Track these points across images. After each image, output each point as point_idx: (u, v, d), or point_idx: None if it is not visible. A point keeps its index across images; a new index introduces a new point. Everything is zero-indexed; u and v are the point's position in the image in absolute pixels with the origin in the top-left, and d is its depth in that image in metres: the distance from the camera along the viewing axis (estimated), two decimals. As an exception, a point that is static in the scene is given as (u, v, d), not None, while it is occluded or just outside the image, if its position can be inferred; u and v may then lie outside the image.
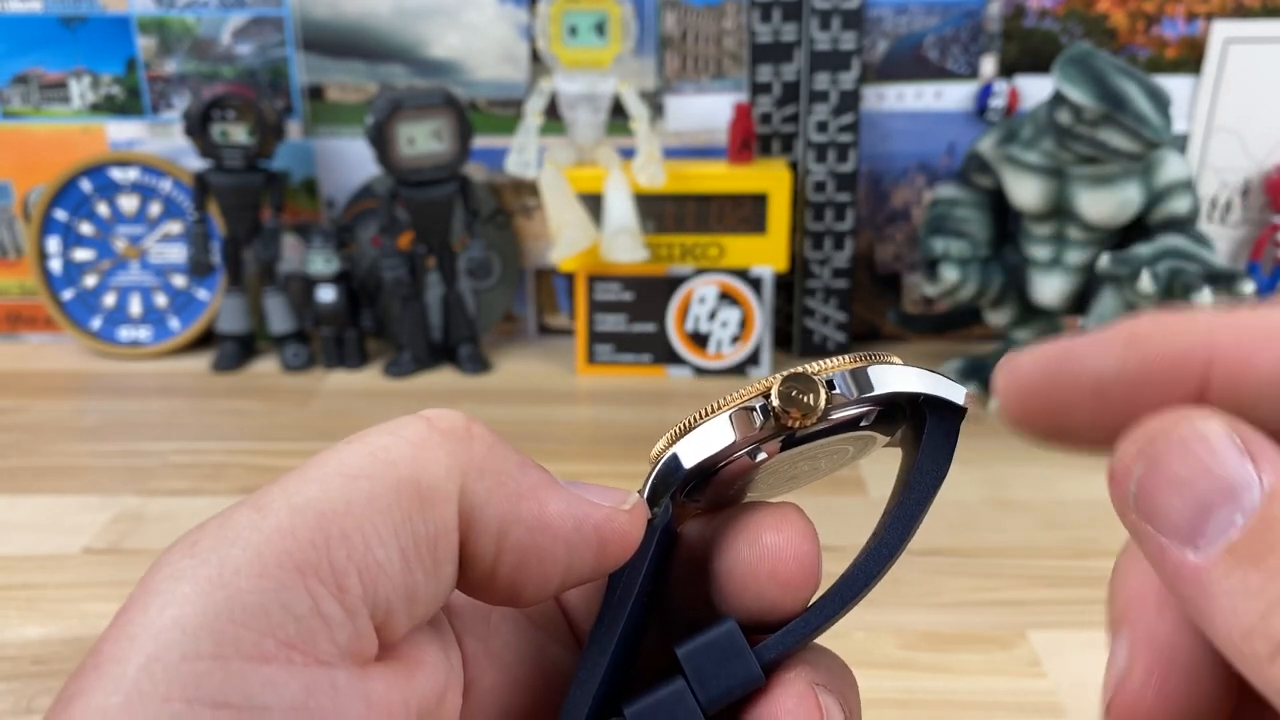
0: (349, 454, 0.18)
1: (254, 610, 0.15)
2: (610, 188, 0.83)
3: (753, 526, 0.21)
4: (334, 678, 0.16)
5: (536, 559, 0.19)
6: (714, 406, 0.20)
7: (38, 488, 0.70)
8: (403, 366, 0.89)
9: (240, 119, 0.86)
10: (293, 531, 0.16)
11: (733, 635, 0.20)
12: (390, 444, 0.18)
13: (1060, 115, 0.71)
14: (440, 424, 0.19)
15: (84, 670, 0.15)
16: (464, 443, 0.19)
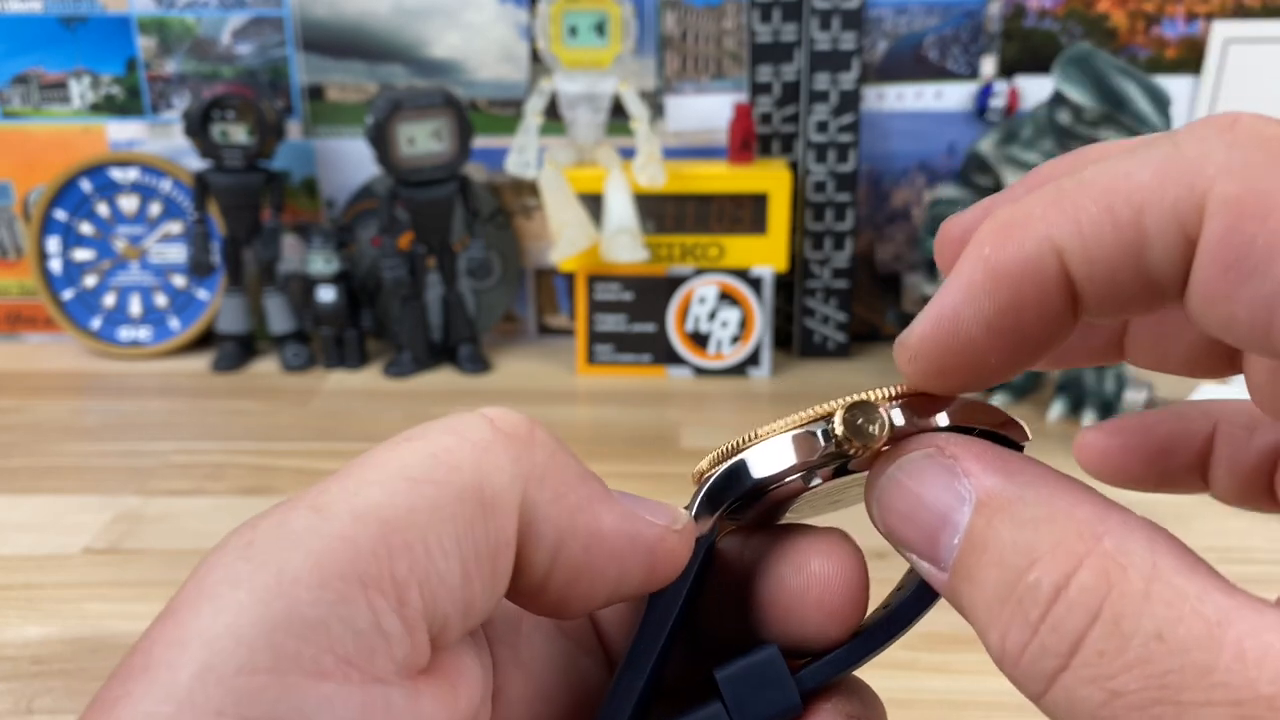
0: (411, 455, 0.17)
1: (314, 624, 0.15)
2: (610, 188, 0.83)
3: (799, 551, 0.20)
4: (390, 696, 0.15)
5: (588, 574, 0.18)
6: (760, 433, 0.20)
7: (38, 488, 0.70)
8: (403, 366, 0.89)
9: (240, 119, 0.86)
10: (355, 539, 0.15)
11: (775, 662, 0.19)
12: (454, 446, 0.17)
13: (1060, 115, 0.71)
14: (504, 426, 0.18)
15: (131, 672, 0.15)
16: (527, 448, 0.18)
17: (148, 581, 0.58)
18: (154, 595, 0.57)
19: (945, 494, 0.17)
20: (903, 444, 0.18)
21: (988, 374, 0.17)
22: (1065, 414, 0.78)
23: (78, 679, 0.50)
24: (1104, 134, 0.70)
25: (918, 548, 0.17)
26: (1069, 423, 0.78)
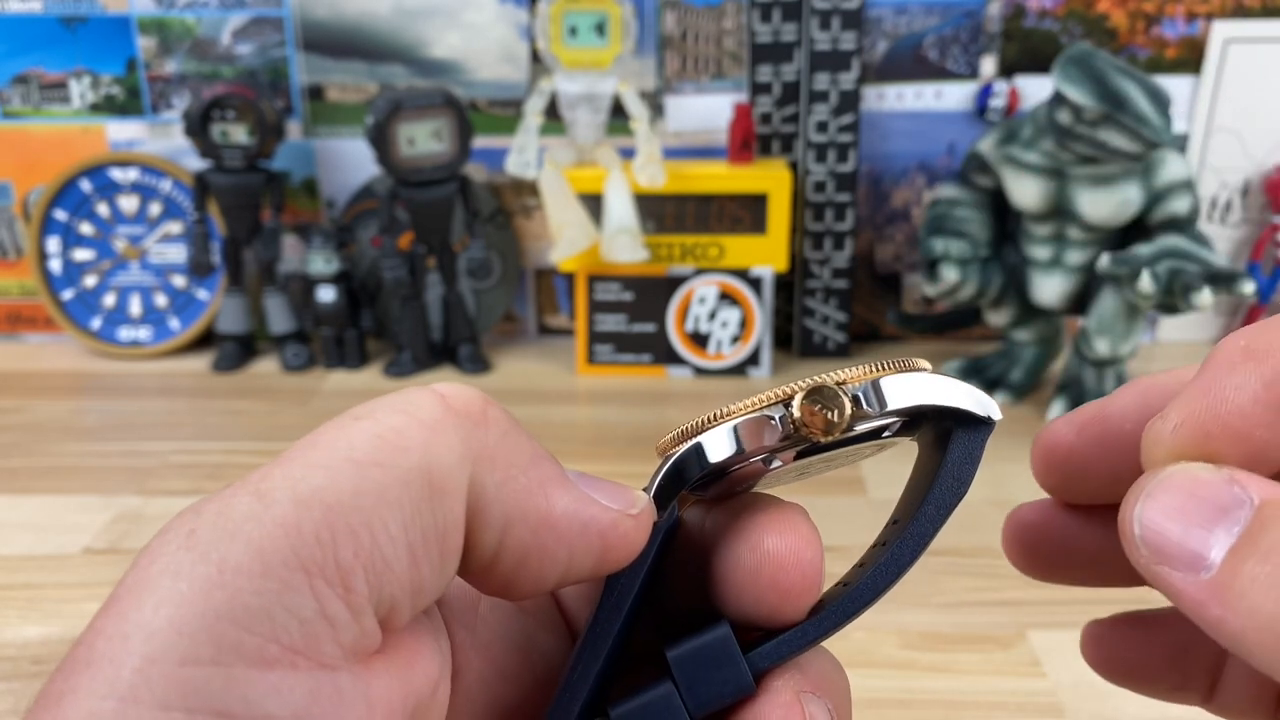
0: (358, 435, 0.17)
1: (256, 613, 0.15)
2: (610, 188, 0.83)
3: (756, 529, 0.20)
4: (338, 681, 0.15)
5: (537, 557, 0.18)
6: (723, 412, 0.20)
7: (38, 488, 0.70)
8: (403, 366, 0.89)
9: (240, 119, 0.86)
10: (298, 526, 0.15)
11: (726, 642, 0.19)
12: (401, 426, 0.17)
13: (1060, 115, 0.71)
14: (455, 404, 0.18)
15: (74, 666, 0.15)
16: (478, 427, 0.18)
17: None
18: (154, 595, 0.57)
19: (1228, 492, 0.16)
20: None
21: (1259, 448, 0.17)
22: (1065, 414, 0.78)
23: (78, 679, 0.50)
24: (1104, 134, 0.70)
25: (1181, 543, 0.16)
26: (1069, 423, 0.78)
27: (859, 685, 0.21)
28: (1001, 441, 0.76)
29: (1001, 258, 0.82)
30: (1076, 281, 0.78)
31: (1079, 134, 0.71)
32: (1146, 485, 0.17)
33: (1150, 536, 0.17)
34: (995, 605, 0.56)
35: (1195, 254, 0.71)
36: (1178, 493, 0.17)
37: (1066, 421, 0.21)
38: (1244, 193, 0.91)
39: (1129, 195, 0.73)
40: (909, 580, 0.63)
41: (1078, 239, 0.76)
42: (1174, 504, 0.17)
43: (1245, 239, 0.92)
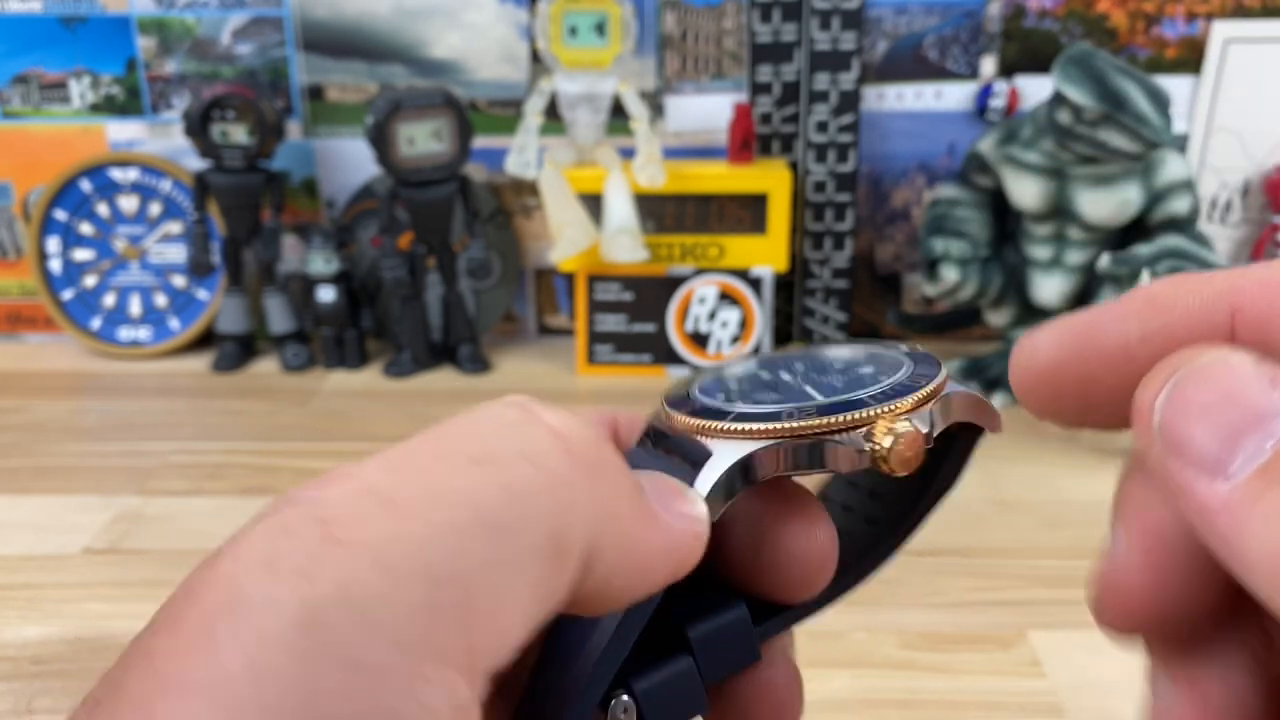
0: (485, 490, 0.15)
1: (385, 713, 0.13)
2: (610, 188, 0.83)
3: (782, 524, 0.20)
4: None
5: (619, 589, 0.17)
6: (796, 426, 0.19)
7: (38, 488, 0.70)
8: (403, 366, 0.89)
9: (240, 119, 0.86)
10: (433, 609, 0.14)
11: (744, 622, 0.20)
12: (530, 480, 0.15)
13: (1060, 115, 0.71)
14: (576, 447, 0.16)
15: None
16: (597, 477, 0.16)
17: (148, 581, 0.58)
18: (154, 595, 0.57)
19: (1268, 398, 0.14)
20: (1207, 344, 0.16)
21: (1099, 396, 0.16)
22: (1065, 414, 0.78)
23: (78, 679, 0.50)
24: (1104, 134, 0.70)
25: (1205, 445, 0.14)
26: (1069, 423, 0.78)
27: (859, 685, 0.21)
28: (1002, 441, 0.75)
29: (1001, 258, 0.82)
30: (1076, 281, 0.78)
31: (1079, 134, 0.71)
32: (1176, 368, 0.15)
33: (1170, 430, 0.15)
34: (995, 605, 0.56)
35: (1195, 254, 0.71)
36: (1211, 387, 0.15)
37: (1051, 338, 0.18)
38: (1244, 193, 0.91)
39: (1129, 195, 0.73)
40: (908, 580, 0.63)
41: (1078, 239, 0.76)
42: (1204, 399, 0.15)
43: (1245, 239, 0.92)
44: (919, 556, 0.61)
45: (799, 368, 0.22)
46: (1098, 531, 0.61)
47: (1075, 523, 0.64)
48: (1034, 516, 0.64)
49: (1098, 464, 0.71)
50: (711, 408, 0.19)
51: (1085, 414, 0.17)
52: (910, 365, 0.21)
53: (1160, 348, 0.16)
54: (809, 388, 0.20)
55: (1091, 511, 0.65)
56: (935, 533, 0.60)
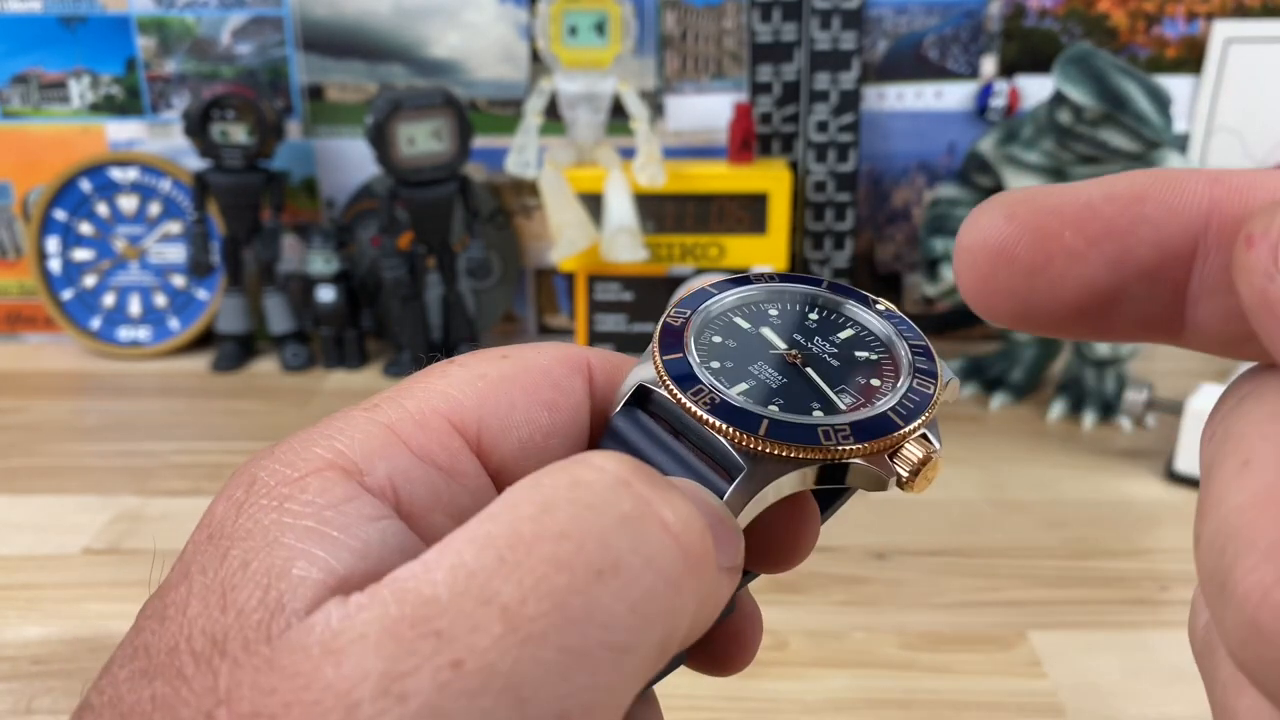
0: (614, 607, 0.14)
1: None
2: (610, 188, 0.83)
3: (780, 511, 0.20)
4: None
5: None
6: (835, 451, 0.19)
7: (38, 488, 0.70)
8: (403, 366, 0.89)
9: (240, 119, 0.86)
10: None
11: None
12: (653, 592, 0.15)
13: (1060, 115, 0.71)
14: (685, 544, 0.15)
15: None
16: (704, 576, 0.16)
17: (148, 581, 0.58)
18: (154, 595, 0.57)
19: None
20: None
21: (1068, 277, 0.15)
22: (1065, 414, 0.78)
23: (78, 679, 0.50)
24: (1104, 134, 0.70)
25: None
26: (1069, 422, 0.78)
27: (859, 685, 0.21)
28: (1001, 441, 0.76)
29: (1001, 258, 0.82)
30: (1077, 281, 0.77)
31: (1079, 134, 0.71)
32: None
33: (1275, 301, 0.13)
34: (995, 605, 0.56)
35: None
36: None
37: (1008, 199, 0.15)
38: (1244, 192, 0.91)
39: (1129, 195, 0.73)
40: (908, 580, 0.63)
41: (1078, 239, 0.76)
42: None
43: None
44: (919, 556, 0.61)
45: (797, 335, 0.21)
46: (1097, 531, 0.61)
47: (1075, 523, 0.64)
48: (1034, 516, 0.64)
49: (1098, 464, 0.71)
50: (740, 411, 0.19)
51: (1030, 298, 0.15)
52: (898, 340, 0.21)
53: (1125, 206, 0.15)
54: (820, 378, 0.20)
55: (1091, 511, 0.65)
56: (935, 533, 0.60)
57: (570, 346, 0.21)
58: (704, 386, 0.19)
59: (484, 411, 0.19)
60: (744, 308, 0.22)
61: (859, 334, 0.22)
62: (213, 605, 0.15)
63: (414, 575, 0.14)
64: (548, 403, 0.19)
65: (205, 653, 0.14)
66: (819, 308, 0.22)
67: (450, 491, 0.18)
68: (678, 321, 0.21)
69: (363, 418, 0.18)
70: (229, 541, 0.16)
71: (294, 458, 0.17)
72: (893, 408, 0.20)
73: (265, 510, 0.16)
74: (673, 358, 0.20)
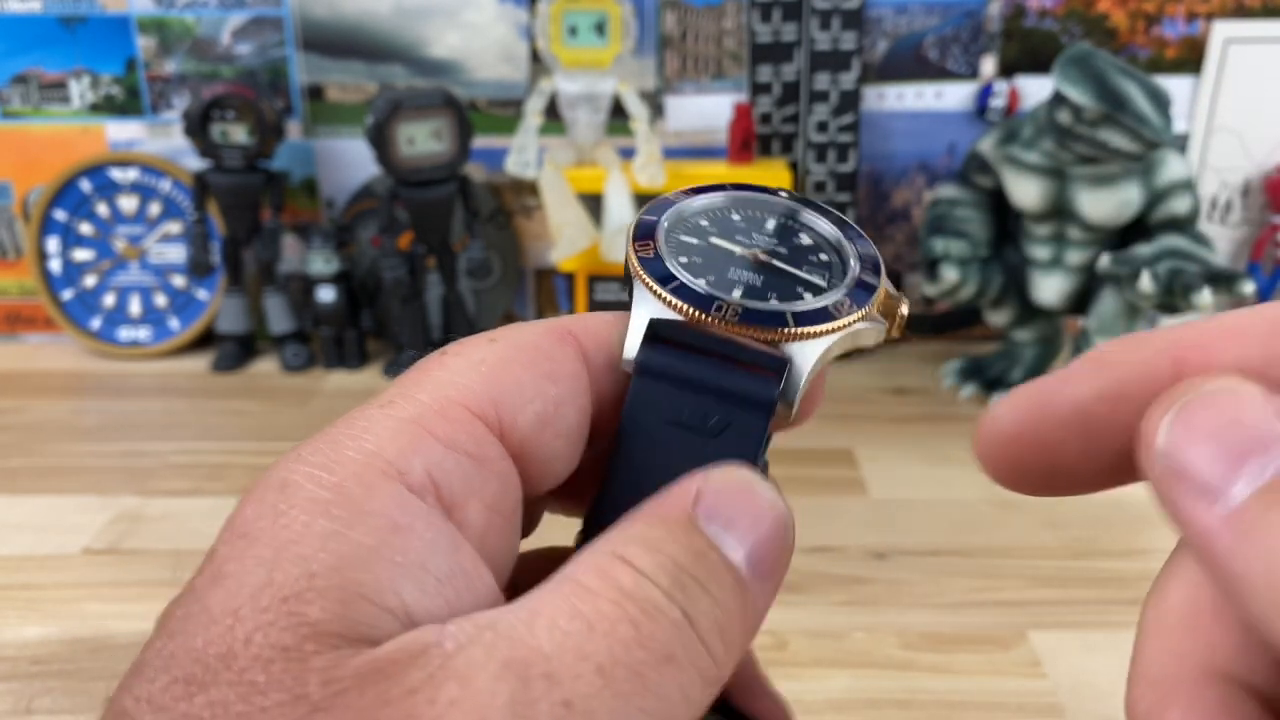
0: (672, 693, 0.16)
1: None
2: (610, 188, 0.83)
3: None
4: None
5: None
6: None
7: (38, 488, 0.70)
8: (403, 366, 0.89)
9: (240, 119, 0.86)
10: None
11: None
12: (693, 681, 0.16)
13: (1060, 115, 0.71)
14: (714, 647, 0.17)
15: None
16: (747, 640, 0.18)
17: (147, 581, 0.58)
18: (154, 595, 0.57)
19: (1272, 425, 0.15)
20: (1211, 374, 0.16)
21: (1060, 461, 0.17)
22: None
23: (78, 679, 0.50)
24: (1104, 134, 0.70)
25: (1208, 468, 0.15)
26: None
27: (859, 685, 0.21)
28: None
29: (1002, 258, 0.82)
30: (1077, 281, 0.78)
31: (1079, 134, 0.71)
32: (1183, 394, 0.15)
33: (1173, 453, 0.15)
34: (995, 605, 0.56)
35: (1195, 254, 0.71)
36: (1216, 412, 0.15)
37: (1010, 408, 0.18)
38: (1244, 193, 0.91)
39: (1129, 195, 0.73)
40: (908, 580, 0.63)
41: (1078, 239, 0.76)
42: (1209, 424, 0.15)
43: (1245, 239, 0.92)
44: (919, 556, 0.61)
45: (760, 237, 0.23)
46: (1097, 531, 0.61)
47: (1075, 523, 0.64)
48: (1034, 516, 0.64)
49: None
50: (763, 311, 0.20)
51: (1051, 481, 0.18)
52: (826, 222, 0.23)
53: (1114, 406, 0.17)
54: (802, 271, 0.22)
55: (1091, 511, 0.65)
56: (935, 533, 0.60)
57: (548, 320, 0.21)
58: (721, 303, 0.20)
59: (495, 393, 0.19)
60: (683, 225, 0.23)
61: (794, 225, 0.24)
62: (274, 611, 0.15)
63: (513, 626, 0.15)
64: (549, 374, 0.20)
65: (276, 660, 0.14)
66: (769, 213, 0.24)
67: (481, 478, 0.18)
68: (650, 252, 0.22)
69: (383, 415, 0.18)
70: (275, 545, 0.16)
71: (325, 460, 0.17)
72: (860, 275, 0.22)
73: (312, 515, 0.16)
74: (674, 285, 0.21)
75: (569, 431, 0.20)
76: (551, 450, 0.20)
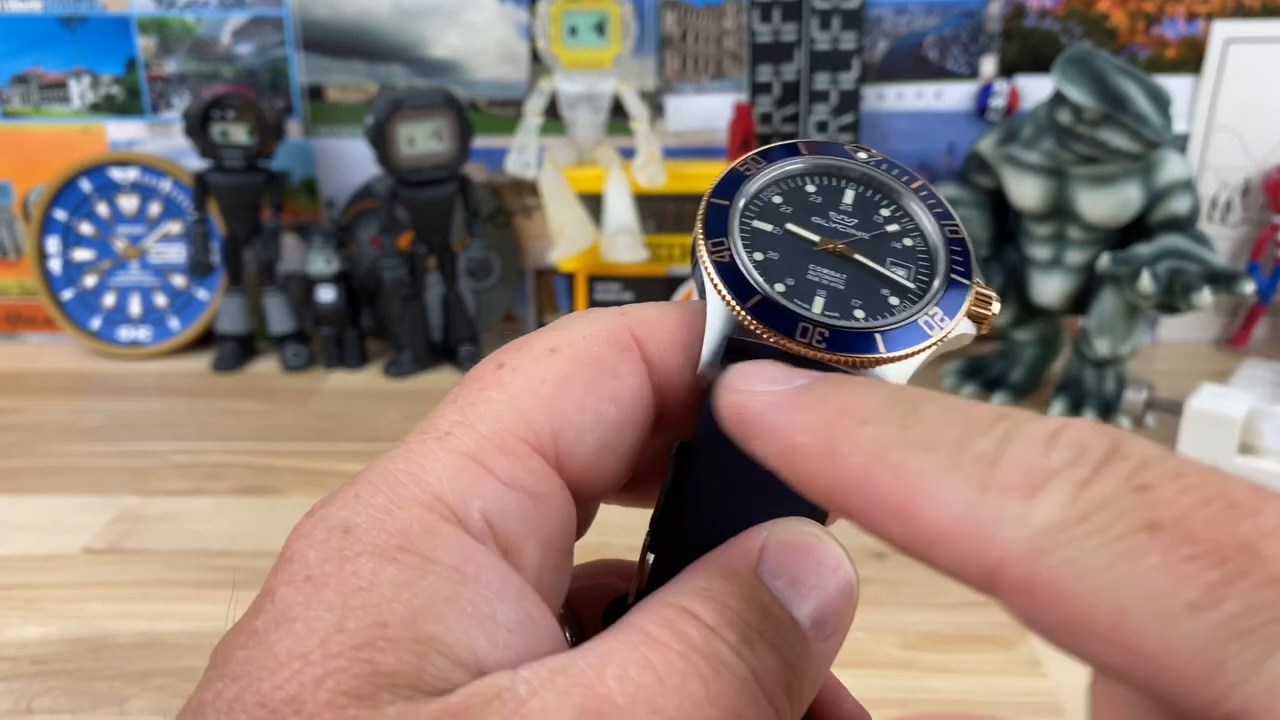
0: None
1: None
2: (610, 188, 0.83)
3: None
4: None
5: None
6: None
7: (38, 488, 0.70)
8: (403, 366, 0.89)
9: (240, 119, 0.86)
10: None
11: None
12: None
13: (1060, 115, 0.71)
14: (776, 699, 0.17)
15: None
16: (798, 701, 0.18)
17: (148, 581, 0.58)
18: (154, 595, 0.57)
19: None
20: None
21: None
22: (1065, 414, 0.78)
23: (78, 679, 0.50)
24: (1104, 134, 0.70)
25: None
26: (1069, 423, 0.78)
27: (859, 685, 0.21)
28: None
29: (1001, 258, 0.82)
30: (1076, 281, 0.78)
31: (1079, 134, 0.71)
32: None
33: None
34: (995, 605, 0.56)
35: (1195, 254, 0.71)
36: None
37: None
38: (1244, 193, 0.91)
39: (1129, 195, 0.73)
40: (909, 580, 0.63)
41: (1078, 239, 0.76)
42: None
43: (1245, 239, 0.92)
44: (919, 556, 0.61)
45: (839, 218, 0.22)
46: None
47: (1075, 523, 0.64)
48: (1034, 516, 0.64)
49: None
50: (851, 333, 0.19)
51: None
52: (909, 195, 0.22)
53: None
54: (886, 267, 0.20)
55: (1091, 511, 0.65)
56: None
57: (610, 318, 0.20)
58: (806, 324, 0.19)
59: (556, 423, 0.18)
60: (754, 206, 0.21)
61: (873, 196, 0.22)
62: (345, 659, 0.15)
63: (584, 672, 0.16)
64: (612, 395, 0.19)
65: (349, 706, 0.14)
66: (847, 182, 0.22)
67: (539, 516, 0.18)
68: (725, 256, 0.20)
69: (440, 449, 0.18)
70: (344, 591, 0.16)
71: (388, 503, 0.17)
72: (950, 269, 0.20)
73: (380, 563, 0.16)
74: (755, 302, 0.19)
75: (630, 450, 0.19)
76: (611, 470, 0.19)
